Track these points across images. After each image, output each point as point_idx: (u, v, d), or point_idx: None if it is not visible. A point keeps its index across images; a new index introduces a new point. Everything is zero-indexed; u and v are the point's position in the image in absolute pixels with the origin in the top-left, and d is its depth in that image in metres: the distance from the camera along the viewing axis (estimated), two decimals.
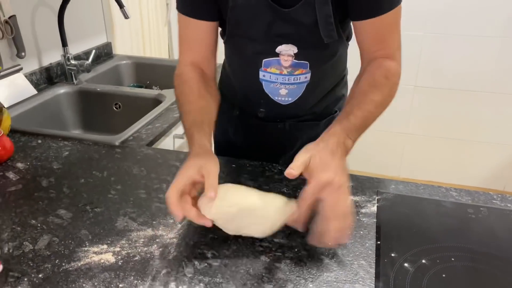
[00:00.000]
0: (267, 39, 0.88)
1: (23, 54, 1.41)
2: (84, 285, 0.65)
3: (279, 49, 0.89)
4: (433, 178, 2.49)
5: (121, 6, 1.46)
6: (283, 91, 0.96)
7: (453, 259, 0.70)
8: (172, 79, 0.93)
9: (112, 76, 1.77)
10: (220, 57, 1.02)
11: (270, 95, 0.98)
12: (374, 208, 0.83)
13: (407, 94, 2.39)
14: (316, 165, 0.67)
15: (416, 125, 2.46)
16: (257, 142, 1.08)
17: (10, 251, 0.72)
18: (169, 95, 1.42)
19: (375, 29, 0.83)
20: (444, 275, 0.67)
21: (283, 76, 0.93)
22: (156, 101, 1.42)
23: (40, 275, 0.67)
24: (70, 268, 0.69)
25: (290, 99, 0.98)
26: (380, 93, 0.80)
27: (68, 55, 1.51)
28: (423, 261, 0.70)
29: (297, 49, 0.89)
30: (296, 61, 0.90)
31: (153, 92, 1.49)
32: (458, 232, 0.77)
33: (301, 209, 0.67)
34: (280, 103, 0.98)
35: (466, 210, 0.83)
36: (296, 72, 0.92)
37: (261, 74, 0.94)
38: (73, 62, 1.52)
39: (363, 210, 0.83)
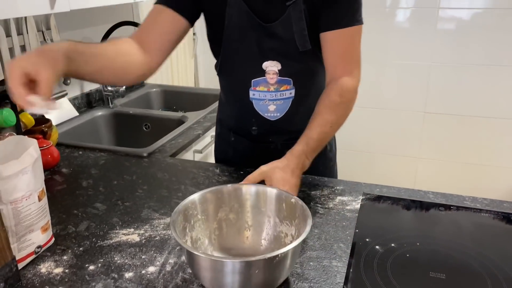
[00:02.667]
0: (256, 56, 1.03)
1: (68, 81, 1.64)
2: (114, 256, 0.82)
3: (265, 65, 1.04)
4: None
5: None
6: (271, 107, 1.10)
7: (418, 243, 0.83)
8: (195, 104, 1.11)
9: (143, 101, 1.99)
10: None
11: (260, 112, 1.11)
12: (357, 206, 0.97)
13: (417, 120, 2.50)
14: (278, 179, 0.87)
15: (427, 150, 2.56)
16: (252, 161, 1.17)
17: (58, 231, 0.90)
18: (191, 117, 1.61)
19: (336, 43, 0.99)
20: (408, 255, 0.80)
21: (270, 93, 1.08)
22: (180, 122, 1.62)
23: (80, 248, 0.84)
24: (104, 245, 0.86)
25: (278, 114, 1.11)
26: (335, 113, 0.98)
27: None
28: (392, 244, 0.83)
29: (281, 65, 1.04)
30: (281, 77, 1.06)
31: (178, 114, 1.70)
32: (428, 224, 0.90)
33: None
34: (270, 119, 1.11)
35: (438, 208, 0.95)
36: (282, 88, 1.07)
37: (251, 93, 1.09)
38: (109, 88, 1.75)
39: (348, 207, 0.97)
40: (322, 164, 1.21)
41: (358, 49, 1.01)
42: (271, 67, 1.04)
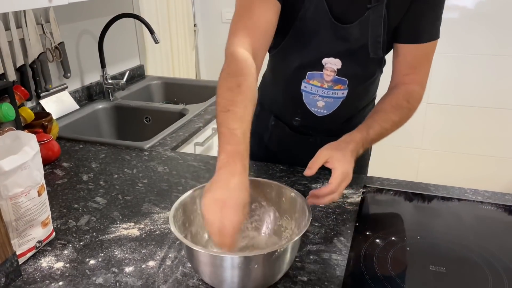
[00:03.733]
0: (319, 50, 0.98)
1: (68, 74, 1.64)
2: (114, 250, 0.82)
3: (325, 60, 0.98)
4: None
5: (151, 32, 1.67)
6: (320, 103, 1.05)
7: (418, 237, 0.83)
8: (197, 96, 1.07)
9: (144, 94, 1.99)
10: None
11: (307, 106, 1.06)
12: (358, 199, 0.97)
13: (419, 111, 2.49)
14: (339, 159, 0.84)
15: (429, 140, 2.55)
16: (287, 151, 1.16)
17: (58, 226, 0.90)
18: (192, 109, 1.61)
19: (411, 55, 0.96)
20: (408, 249, 0.80)
21: (323, 89, 1.03)
22: (181, 115, 1.61)
23: (81, 243, 0.85)
24: (104, 239, 0.86)
25: (325, 111, 1.06)
26: (399, 114, 0.95)
27: (106, 75, 1.74)
28: (393, 238, 0.83)
29: (341, 64, 0.98)
30: (338, 77, 1.00)
31: (178, 107, 1.69)
32: (429, 218, 0.90)
33: (327, 190, 0.82)
34: (316, 114, 1.07)
35: (439, 201, 0.95)
36: (335, 87, 1.02)
37: (303, 85, 1.04)
38: (110, 81, 1.75)
39: (348, 200, 0.97)
40: (358, 163, 1.18)
41: (431, 62, 0.99)
42: (331, 64, 0.99)
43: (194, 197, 0.78)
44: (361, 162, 1.20)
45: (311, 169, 0.84)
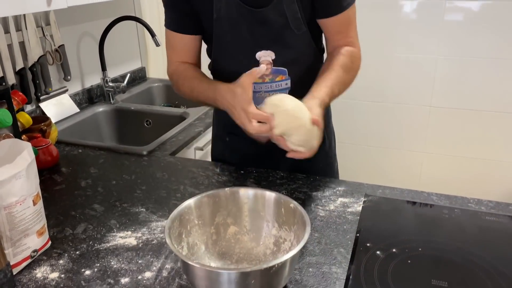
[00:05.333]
0: (248, 46, 1.01)
1: (69, 77, 1.63)
2: (111, 260, 0.81)
3: (258, 55, 1.02)
4: (450, 192, 2.53)
5: (152, 35, 1.66)
6: None
7: (420, 249, 0.81)
8: None
9: (145, 96, 1.98)
10: None
11: (257, 106, 1.05)
12: (359, 208, 0.95)
13: (423, 114, 2.47)
14: (311, 105, 0.88)
15: (433, 144, 2.53)
16: (250, 162, 1.15)
17: (55, 234, 0.89)
18: (193, 113, 1.59)
19: (337, 24, 1.02)
20: (409, 261, 0.78)
21: (265, 84, 1.05)
22: (182, 118, 1.60)
23: (77, 252, 0.83)
24: (101, 248, 0.85)
25: None
26: (347, 74, 1.00)
27: (107, 78, 1.73)
28: (394, 250, 0.81)
29: (274, 55, 1.02)
30: (275, 67, 1.04)
31: (179, 110, 1.68)
32: (431, 228, 0.88)
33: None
34: None
35: (441, 211, 0.93)
36: (277, 79, 1.05)
37: None
38: (110, 84, 1.74)
39: (349, 209, 0.95)
40: (322, 161, 1.19)
41: (355, 23, 1.05)
42: (265, 57, 1.02)
43: (191, 207, 0.77)
44: (326, 160, 1.22)
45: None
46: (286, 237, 0.75)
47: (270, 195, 0.79)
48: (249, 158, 1.15)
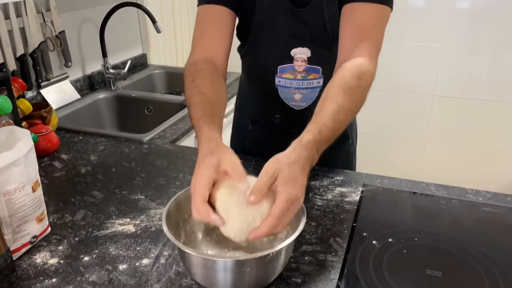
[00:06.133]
0: (285, 42, 0.99)
1: (69, 64, 1.63)
2: (109, 247, 0.82)
3: (293, 52, 0.99)
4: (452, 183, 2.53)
5: (153, 21, 1.65)
6: (297, 96, 1.05)
7: (416, 239, 0.82)
8: None
9: (146, 83, 1.97)
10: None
11: (285, 100, 1.06)
12: (357, 198, 0.96)
13: (426, 103, 2.46)
14: (286, 179, 0.65)
15: (435, 134, 2.52)
16: (273, 152, 1.12)
17: (54, 220, 0.90)
18: None
19: (361, 18, 0.87)
20: (405, 251, 0.79)
21: (297, 81, 1.02)
22: (182, 106, 1.60)
23: (76, 238, 0.84)
24: (99, 235, 0.86)
25: (304, 104, 1.05)
26: (351, 98, 0.80)
27: (108, 64, 1.73)
28: (390, 239, 0.82)
29: (310, 53, 0.99)
30: (309, 65, 1.00)
31: (180, 98, 1.68)
32: (427, 219, 0.88)
33: (268, 225, 0.63)
34: (295, 108, 1.06)
35: (439, 202, 0.93)
36: (310, 77, 1.02)
37: (277, 80, 1.04)
38: (111, 71, 1.73)
39: (347, 199, 0.95)
40: (343, 158, 1.18)
41: (382, 32, 0.89)
42: (300, 54, 1.00)
43: (188, 195, 0.77)
44: (346, 157, 1.20)
45: (255, 197, 0.64)
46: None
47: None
48: (271, 150, 1.13)
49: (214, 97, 0.86)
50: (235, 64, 1.16)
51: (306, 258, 0.78)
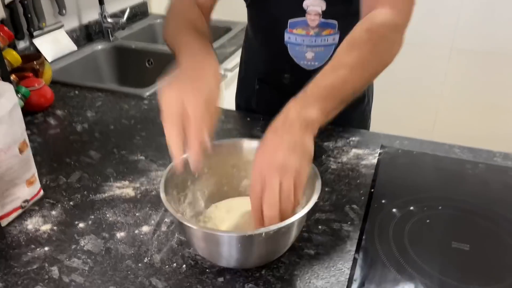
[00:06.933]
0: None
1: (64, 11, 1.51)
2: (106, 212, 0.76)
3: (306, 3, 0.87)
4: (466, 143, 2.45)
5: None
6: (309, 55, 0.94)
7: (440, 207, 0.75)
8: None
9: (147, 34, 1.86)
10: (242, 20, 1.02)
11: (295, 59, 0.95)
12: (374, 161, 0.88)
13: (442, 57, 2.32)
14: (265, 144, 0.58)
15: (451, 89, 2.41)
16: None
17: (48, 182, 0.84)
18: None
19: None
20: (428, 221, 0.72)
21: (309, 38, 0.91)
22: None
23: (71, 203, 0.78)
24: (96, 199, 0.79)
25: (316, 63, 0.95)
26: (356, 53, 0.68)
27: (105, 13, 1.61)
28: (411, 208, 0.75)
29: (325, 5, 0.87)
30: (324, 20, 0.88)
31: None
32: (452, 185, 0.81)
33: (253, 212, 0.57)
34: (306, 68, 0.95)
35: (464, 166, 0.86)
36: (324, 33, 0.90)
37: (286, 36, 0.93)
38: (109, 20, 1.62)
39: (363, 162, 0.88)
40: (358, 118, 1.09)
41: None
42: (313, 6, 0.87)
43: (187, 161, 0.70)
44: (361, 116, 1.10)
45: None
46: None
47: None
48: (278, 111, 1.05)
49: (201, 25, 0.80)
50: (239, 13, 1.05)
51: (320, 227, 0.71)
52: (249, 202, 0.66)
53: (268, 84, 1.05)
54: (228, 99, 1.20)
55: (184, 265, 0.65)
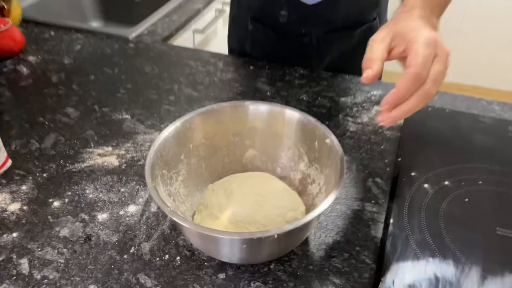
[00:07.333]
0: None
1: None
2: (86, 187, 0.64)
3: None
4: (480, 83, 2.30)
5: None
6: None
7: (480, 182, 0.63)
8: None
9: None
10: None
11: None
12: (400, 121, 0.75)
13: None
14: (412, 28, 0.51)
15: (471, 23, 2.20)
16: (277, 59, 0.90)
17: (17, 148, 0.71)
18: None
19: None
20: (466, 199, 0.60)
21: None
22: None
23: (44, 175, 0.66)
24: (74, 169, 0.67)
25: None
26: None
27: None
28: (446, 182, 0.63)
29: None
30: None
31: None
32: (493, 152, 0.69)
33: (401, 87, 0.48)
34: (306, 2, 0.82)
35: (506, 128, 0.73)
36: None
37: None
38: None
39: None
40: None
41: None
42: None
43: (187, 125, 0.57)
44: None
45: (372, 69, 0.50)
46: (316, 178, 0.56)
47: (306, 120, 0.57)
48: (276, 55, 0.90)
49: None
50: None
51: (338, 207, 0.60)
52: (253, 181, 0.55)
53: (263, 23, 0.90)
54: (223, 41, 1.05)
55: (178, 257, 0.54)
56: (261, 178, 0.58)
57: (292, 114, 0.57)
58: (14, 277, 0.52)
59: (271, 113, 0.59)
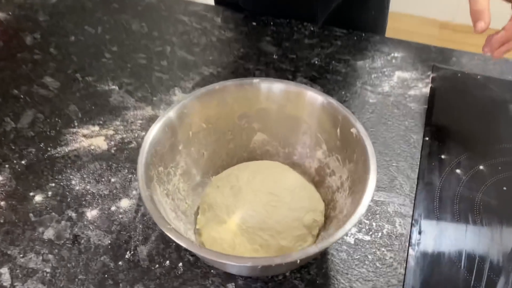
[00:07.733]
0: None
1: None
2: (71, 177, 0.56)
3: None
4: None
5: None
6: None
7: None
8: None
9: None
10: None
11: None
12: (426, 90, 0.66)
13: None
14: None
15: None
16: (272, 8, 0.79)
17: None
18: None
19: None
20: (505, 188, 0.54)
21: None
22: None
23: (22, 162, 0.58)
24: (57, 155, 0.59)
25: None
26: None
27: None
28: (481, 167, 0.56)
29: None
30: None
31: None
32: None
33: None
34: None
35: None
36: None
37: None
38: None
39: (411, 92, 0.66)
40: (376, 5, 0.83)
41: None
42: None
43: (181, 117, 0.48)
44: (382, 6, 0.84)
45: (484, 21, 0.51)
46: (336, 170, 0.49)
47: (328, 104, 0.48)
48: (270, 5, 0.78)
49: None
50: None
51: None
52: (264, 175, 0.47)
53: None
54: None
55: (180, 264, 0.48)
56: (272, 170, 0.50)
57: (314, 97, 0.48)
58: None
59: (287, 93, 0.50)
